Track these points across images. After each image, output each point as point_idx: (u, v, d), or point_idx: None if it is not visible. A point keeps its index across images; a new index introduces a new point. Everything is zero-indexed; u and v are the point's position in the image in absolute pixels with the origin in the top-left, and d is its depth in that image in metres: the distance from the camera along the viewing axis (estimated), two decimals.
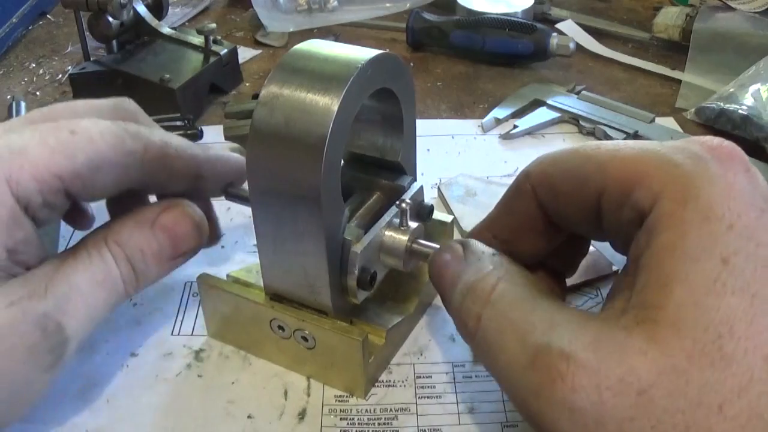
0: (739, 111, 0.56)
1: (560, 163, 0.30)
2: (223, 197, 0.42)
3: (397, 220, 0.36)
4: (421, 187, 0.38)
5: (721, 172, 0.25)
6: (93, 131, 0.32)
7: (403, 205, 0.35)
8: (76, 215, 0.40)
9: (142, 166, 0.34)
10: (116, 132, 0.33)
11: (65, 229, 0.47)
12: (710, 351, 0.23)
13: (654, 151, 0.27)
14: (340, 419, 0.35)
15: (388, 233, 0.36)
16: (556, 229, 0.32)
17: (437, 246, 0.36)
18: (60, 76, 0.67)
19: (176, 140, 0.36)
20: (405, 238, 0.35)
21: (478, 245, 0.32)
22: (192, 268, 0.44)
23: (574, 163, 0.29)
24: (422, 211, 0.39)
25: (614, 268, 0.42)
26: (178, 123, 0.53)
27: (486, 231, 0.34)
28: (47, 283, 0.31)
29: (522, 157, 0.55)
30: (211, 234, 0.40)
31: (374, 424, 0.35)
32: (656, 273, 0.25)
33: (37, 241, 0.32)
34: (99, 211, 0.38)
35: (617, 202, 0.27)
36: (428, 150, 0.55)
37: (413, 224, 0.36)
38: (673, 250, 0.24)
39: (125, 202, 0.39)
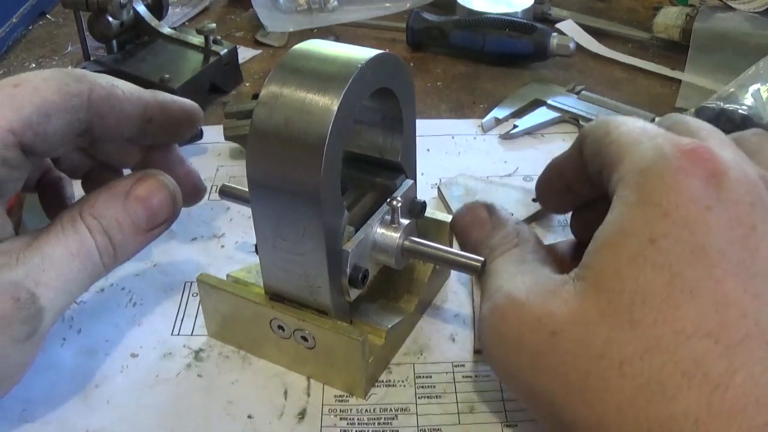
0: (739, 111, 0.56)
1: (595, 130, 0.33)
2: (220, 198, 0.42)
3: (388, 218, 0.36)
4: (413, 184, 0.38)
5: (673, 171, 0.27)
6: (36, 80, 0.33)
7: (394, 202, 0.35)
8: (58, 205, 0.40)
9: (90, 107, 0.34)
10: (59, 77, 0.34)
11: None
12: (620, 313, 0.26)
13: (641, 143, 0.29)
14: (340, 419, 0.35)
15: (379, 231, 0.36)
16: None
17: (429, 243, 0.36)
18: None
19: (124, 83, 0.36)
20: (396, 235, 0.36)
21: (503, 213, 0.36)
22: (192, 268, 0.44)
23: (600, 134, 0.32)
24: (414, 208, 0.39)
25: None
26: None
27: (556, 165, 0.37)
28: (19, 254, 0.31)
29: (522, 157, 0.55)
30: (191, 189, 0.40)
31: (374, 423, 0.35)
32: (595, 241, 0.28)
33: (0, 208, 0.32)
34: None
35: (606, 181, 0.31)
36: (428, 150, 0.55)
37: (405, 221, 0.36)
38: (611, 223, 0.28)
39: (100, 179, 0.39)
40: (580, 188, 0.36)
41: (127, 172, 0.40)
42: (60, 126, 0.33)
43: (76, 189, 0.42)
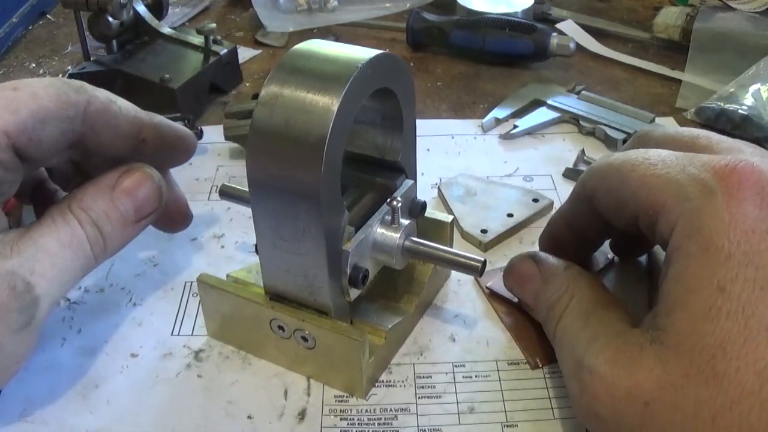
0: (739, 111, 0.56)
1: (605, 180, 0.33)
2: (220, 198, 0.42)
3: (389, 218, 0.36)
4: (413, 184, 0.38)
5: (725, 203, 0.27)
6: (36, 86, 0.33)
7: (394, 203, 0.35)
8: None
9: (86, 119, 0.34)
10: (59, 85, 0.34)
11: None
12: (704, 370, 0.26)
13: (674, 180, 0.29)
14: (340, 419, 0.35)
15: (380, 231, 0.36)
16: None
17: (430, 243, 0.36)
18: (60, 76, 0.67)
19: (122, 101, 0.37)
20: (397, 235, 0.36)
21: (550, 261, 0.36)
22: (192, 268, 0.44)
23: (615, 183, 0.32)
24: (414, 208, 0.39)
25: (609, 256, 0.42)
26: (178, 123, 0.53)
27: (562, 220, 0.38)
28: (12, 245, 0.31)
29: (522, 157, 0.55)
30: (179, 215, 0.40)
31: (374, 424, 0.35)
32: (665, 300, 0.28)
33: None
34: None
35: (648, 227, 0.30)
36: (428, 150, 0.55)
37: (405, 221, 0.36)
38: (677, 280, 0.27)
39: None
40: (596, 237, 0.37)
41: None
42: (54, 134, 0.34)
43: None
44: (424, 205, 0.39)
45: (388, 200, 0.36)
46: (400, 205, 0.35)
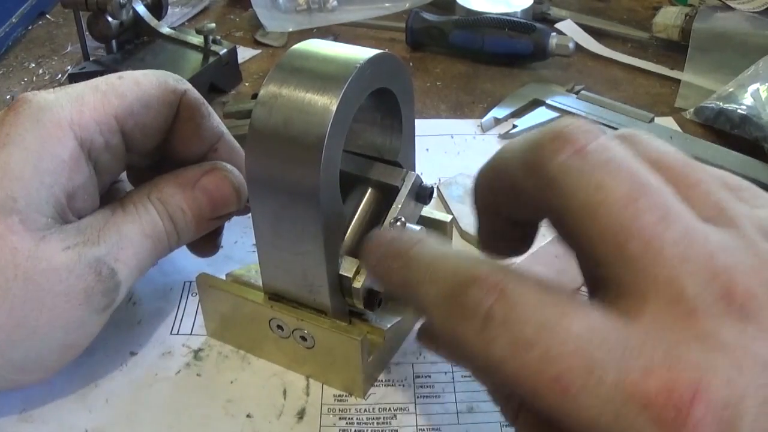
0: (739, 111, 0.56)
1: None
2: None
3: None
4: (417, 176, 0.37)
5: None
6: (138, 75, 0.36)
7: (398, 224, 0.35)
8: None
9: (181, 108, 0.37)
10: (159, 74, 0.37)
11: None
12: None
13: (608, 419, 0.19)
14: (339, 419, 0.35)
15: None
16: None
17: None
18: (59, 75, 0.67)
19: (212, 109, 0.39)
20: None
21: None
22: (191, 268, 0.44)
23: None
24: (422, 193, 0.37)
25: None
26: None
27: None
28: (99, 231, 0.33)
29: None
30: (210, 244, 0.41)
31: (373, 423, 0.35)
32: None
33: (93, 189, 0.35)
34: None
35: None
36: (427, 150, 0.55)
37: (415, 228, 0.36)
38: None
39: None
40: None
41: None
42: (156, 119, 0.36)
43: None
44: (431, 192, 0.38)
45: (392, 221, 0.35)
46: (403, 221, 0.35)
